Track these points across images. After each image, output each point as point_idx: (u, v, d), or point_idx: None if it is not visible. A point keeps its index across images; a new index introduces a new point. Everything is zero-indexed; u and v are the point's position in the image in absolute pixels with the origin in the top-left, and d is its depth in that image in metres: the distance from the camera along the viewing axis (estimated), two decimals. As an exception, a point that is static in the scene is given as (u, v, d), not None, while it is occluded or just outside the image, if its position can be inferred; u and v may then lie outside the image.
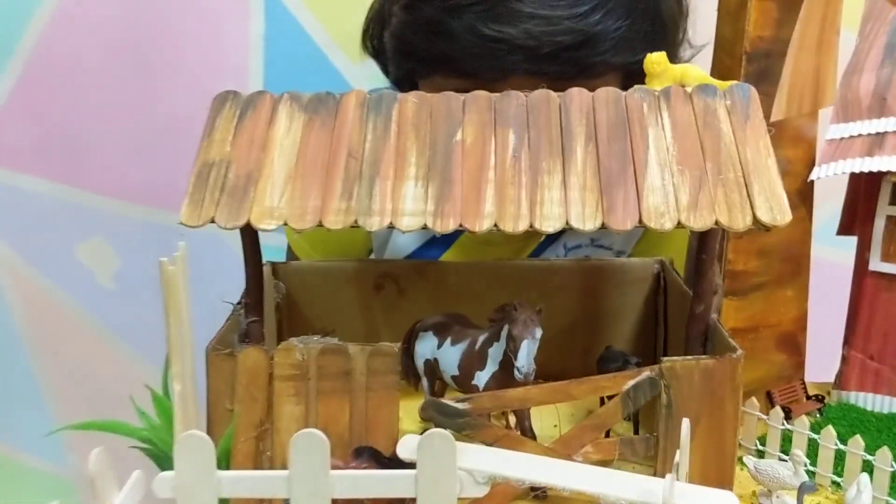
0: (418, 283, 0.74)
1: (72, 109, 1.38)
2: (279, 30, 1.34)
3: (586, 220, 0.49)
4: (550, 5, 0.74)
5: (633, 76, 0.80)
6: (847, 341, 0.73)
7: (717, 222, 0.49)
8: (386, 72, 0.93)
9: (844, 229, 0.75)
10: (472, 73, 0.72)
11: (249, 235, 0.58)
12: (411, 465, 0.44)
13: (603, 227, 0.49)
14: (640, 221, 0.49)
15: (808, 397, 0.72)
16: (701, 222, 0.49)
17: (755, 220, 0.49)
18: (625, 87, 0.79)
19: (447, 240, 0.92)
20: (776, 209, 0.49)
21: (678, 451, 0.44)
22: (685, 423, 0.42)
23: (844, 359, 0.73)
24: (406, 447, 0.45)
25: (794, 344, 0.72)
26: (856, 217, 0.74)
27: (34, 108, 1.39)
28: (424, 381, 0.65)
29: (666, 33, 0.82)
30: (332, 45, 1.33)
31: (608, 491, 0.41)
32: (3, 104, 1.38)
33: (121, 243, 1.46)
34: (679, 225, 0.49)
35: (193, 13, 1.33)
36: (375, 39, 0.92)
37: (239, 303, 0.61)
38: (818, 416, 0.71)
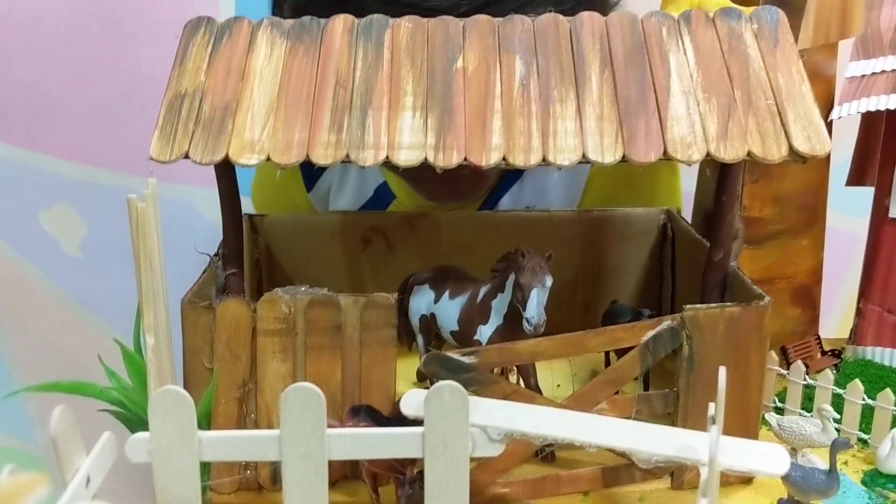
0: (408, 237, 0.69)
1: (33, 70, 1.32)
2: None
3: (605, 152, 0.44)
4: None
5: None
6: (863, 294, 0.69)
7: (749, 153, 0.44)
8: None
9: (855, 179, 0.71)
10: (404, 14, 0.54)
11: (226, 175, 0.52)
12: (415, 425, 0.39)
13: (623, 159, 0.44)
14: (665, 153, 0.44)
15: (824, 353, 0.68)
16: (732, 153, 0.44)
17: (791, 150, 0.44)
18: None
19: (380, 206, 0.84)
20: (815, 138, 0.44)
21: (711, 405, 0.40)
22: (722, 372, 0.38)
23: (860, 312, 0.69)
24: (411, 403, 0.41)
25: (809, 297, 0.68)
26: (868, 166, 0.70)
27: None
28: (420, 339, 0.60)
29: None
30: None
31: (642, 447, 0.36)
32: None
33: (86, 210, 1.39)
34: (708, 156, 0.44)
35: None
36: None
37: (216, 254, 0.56)
38: (835, 372, 0.67)
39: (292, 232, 0.69)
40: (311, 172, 0.87)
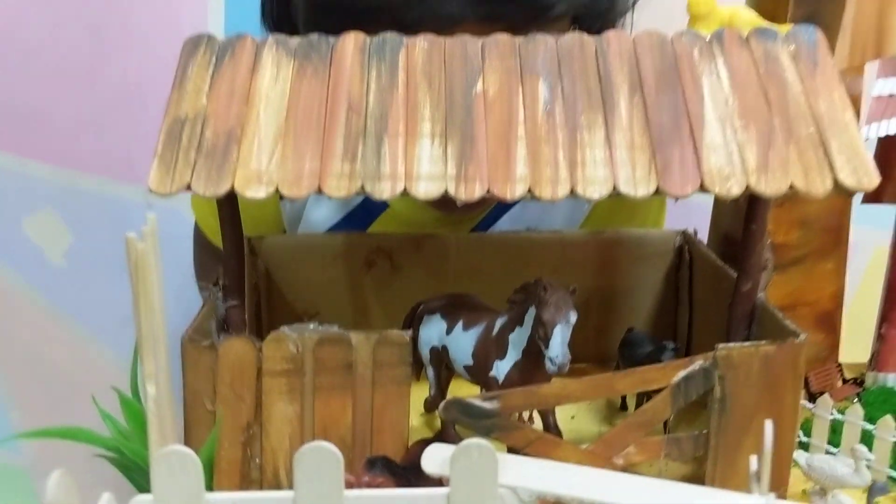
0: (415, 259, 0.66)
1: (17, 76, 1.29)
2: None
3: (638, 184, 0.42)
4: None
5: (584, 18, 0.70)
6: (885, 318, 0.66)
7: (792, 186, 0.41)
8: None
9: (873, 196, 0.69)
10: (413, 23, 0.58)
11: (228, 204, 0.49)
12: (432, 477, 0.36)
13: (657, 192, 0.41)
14: (703, 186, 0.41)
15: (845, 381, 0.66)
16: (774, 186, 0.41)
17: (836, 183, 0.41)
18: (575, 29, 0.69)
19: (367, 217, 0.81)
20: (861, 171, 0.41)
21: (753, 458, 0.37)
22: (768, 426, 0.35)
23: (881, 337, 0.66)
24: (434, 459, 0.37)
25: (831, 322, 0.66)
26: (887, 182, 0.67)
27: None
28: (430, 371, 0.57)
29: None
30: None
31: (689, 513, 0.33)
32: None
33: (72, 217, 1.36)
34: (748, 189, 0.41)
35: None
36: (278, 8, 0.79)
37: (215, 284, 0.52)
38: (856, 401, 0.64)
39: (293, 254, 0.66)
40: None
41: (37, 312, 1.40)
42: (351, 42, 0.47)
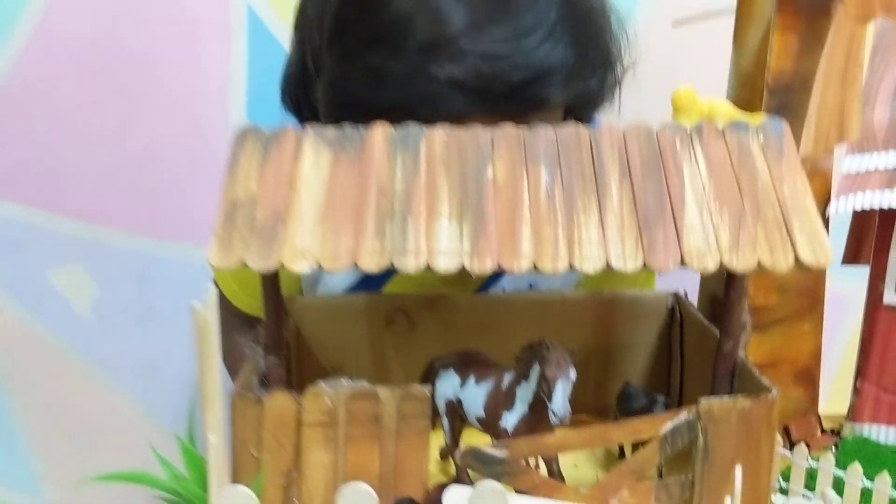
0: (430, 317, 0.73)
1: (48, 133, 1.35)
2: (261, 52, 1.32)
3: (627, 260, 0.48)
4: (498, 42, 0.70)
5: (576, 106, 0.78)
6: (860, 373, 0.72)
7: (759, 263, 0.48)
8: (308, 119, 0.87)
9: (851, 258, 0.75)
10: (426, 119, 0.63)
11: (271, 276, 0.56)
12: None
13: (644, 266, 0.48)
14: (682, 261, 0.48)
15: (823, 431, 0.72)
16: (744, 263, 0.48)
17: (797, 260, 0.48)
18: (567, 116, 0.78)
19: (384, 275, 0.88)
20: (818, 250, 0.48)
21: (728, 499, 0.43)
22: (738, 471, 0.41)
23: (857, 391, 0.73)
24: (454, 500, 0.44)
25: (810, 378, 0.72)
26: (863, 246, 0.74)
27: (9, 132, 1.35)
28: (445, 421, 0.63)
29: (609, 55, 0.80)
30: None
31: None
32: None
33: (98, 270, 1.42)
34: (721, 265, 0.48)
35: (173, 35, 1.31)
36: (297, 95, 0.87)
37: (257, 342, 0.59)
38: (834, 450, 0.70)
39: (321, 313, 0.72)
40: None
41: (62, 362, 1.45)
42: (379, 133, 0.54)
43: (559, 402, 0.52)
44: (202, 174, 1.35)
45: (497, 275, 0.88)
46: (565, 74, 0.72)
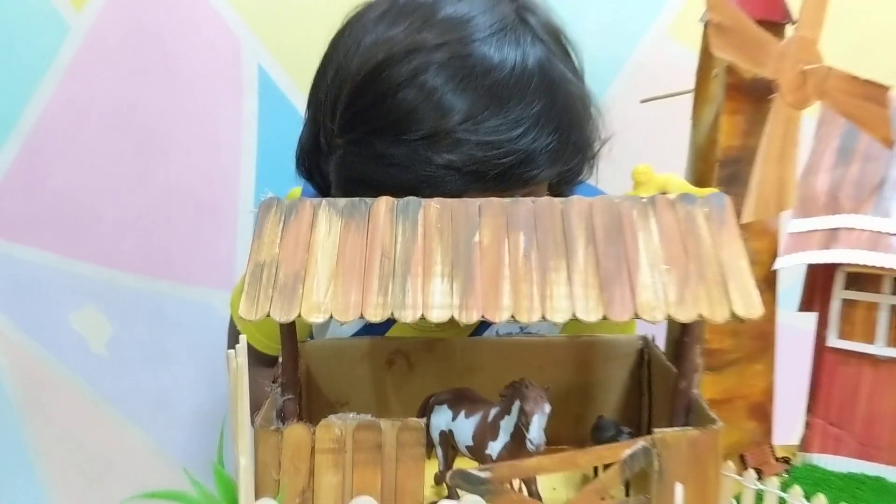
0: (427, 359, 0.82)
1: (69, 182, 1.44)
2: (271, 108, 1.41)
3: (590, 313, 0.58)
4: (491, 131, 0.80)
5: (559, 182, 0.89)
6: (810, 409, 0.81)
7: (700, 315, 0.57)
8: (321, 190, 0.96)
9: (805, 307, 0.84)
10: (426, 196, 0.70)
11: (288, 326, 0.65)
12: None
13: (604, 318, 0.58)
14: (636, 314, 0.58)
15: (777, 459, 0.81)
16: (686, 315, 0.57)
17: (732, 314, 0.57)
18: (552, 188, 0.88)
19: (388, 322, 0.97)
20: (749, 305, 0.58)
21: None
22: (678, 489, 0.50)
23: (808, 424, 0.82)
24: (444, 512, 0.53)
25: (763, 412, 0.81)
26: (815, 296, 0.83)
27: (32, 180, 1.44)
28: (439, 451, 0.72)
29: (587, 138, 0.91)
30: None
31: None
32: (3, 175, 1.44)
33: (112, 311, 1.50)
34: (668, 317, 0.58)
35: (189, 91, 1.39)
36: (310, 166, 0.96)
37: (274, 381, 0.68)
38: (785, 475, 0.79)
39: (328, 355, 0.82)
40: None
41: (76, 396, 1.53)
42: (383, 204, 0.64)
43: (535, 432, 0.62)
44: (213, 222, 1.45)
45: (485, 325, 0.97)
46: (548, 157, 0.83)
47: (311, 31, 1.33)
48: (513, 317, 0.58)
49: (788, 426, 0.85)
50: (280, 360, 0.68)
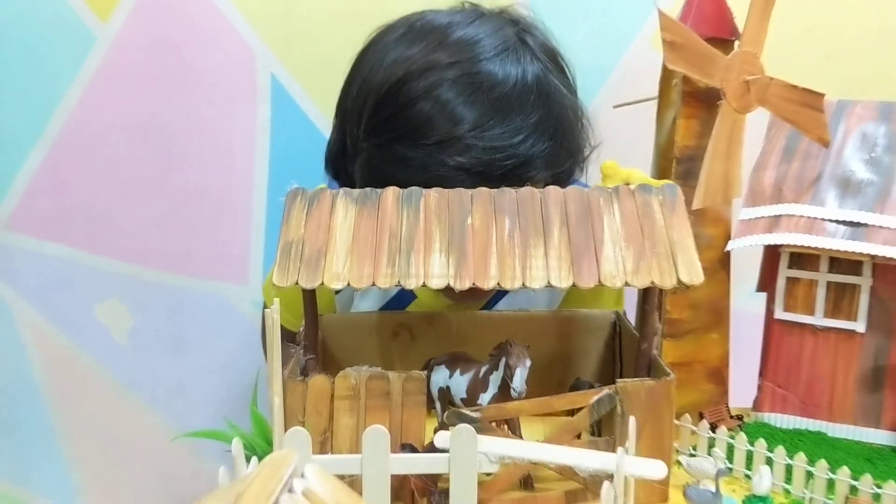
0: (427, 331, 0.94)
1: (94, 184, 1.52)
2: (284, 115, 1.50)
3: (562, 281, 0.70)
4: (495, 138, 0.94)
5: (555, 181, 1.01)
6: (761, 373, 0.94)
7: (652, 282, 0.70)
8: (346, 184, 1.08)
9: (762, 287, 0.97)
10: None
11: (309, 294, 0.77)
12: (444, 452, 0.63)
13: (574, 285, 0.70)
14: (599, 281, 0.70)
15: (732, 417, 0.93)
16: (641, 282, 0.70)
17: (678, 280, 0.70)
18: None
19: (401, 304, 1.11)
20: (693, 273, 0.70)
21: (628, 435, 0.65)
22: (632, 420, 0.62)
23: (759, 387, 0.94)
24: (441, 439, 0.65)
25: (719, 376, 0.93)
26: (771, 277, 0.96)
27: (60, 182, 1.52)
28: (437, 406, 0.84)
29: (578, 144, 1.04)
30: (330, 129, 1.49)
31: (580, 462, 0.61)
32: (32, 177, 1.52)
33: (134, 304, 1.58)
34: (626, 284, 0.70)
35: (207, 99, 1.49)
36: (337, 167, 1.09)
37: (297, 344, 0.80)
38: (739, 430, 0.91)
39: (342, 327, 0.94)
40: None
41: (101, 384, 1.62)
42: (391, 193, 0.77)
43: (518, 382, 0.74)
44: (228, 221, 1.54)
45: (494, 300, 1.10)
46: (545, 161, 0.96)
47: (320, 44, 1.45)
48: (498, 283, 0.70)
49: (747, 392, 0.97)
50: (302, 327, 0.80)
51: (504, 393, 0.76)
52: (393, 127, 0.96)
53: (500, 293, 1.09)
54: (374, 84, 0.98)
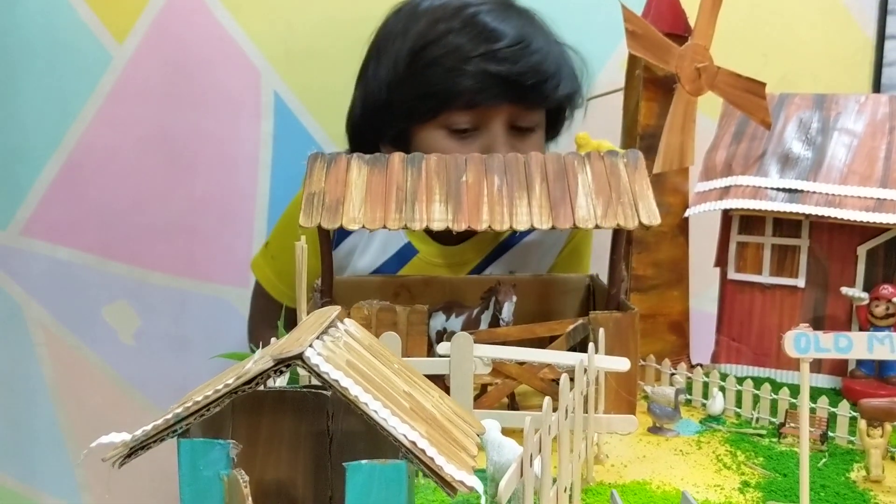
0: (425, 292, 1.07)
1: (106, 193, 1.58)
2: (286, 129, 1.58)
3: (543, 223, 0.84)
4: (526, 55, 1.09)
5: (556, 114, 1.17)
6: (718, 329, 1.07)
7: (618, 224, 0.83)
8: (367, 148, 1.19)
9: (718, 263, 1.10)
10: (476, 103, 1.06)
11: (326, 242, 0.90)
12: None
13: (553, 227, 0.83)
14: (574, 224, 0.83)
15: (692, 365, 1.06)
16: (609, 223, 0.83)
17: (640, 223, 0.83)
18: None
19: (400, 261, 1.23)
20: (651, 217, 0.84)
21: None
22: (601, 331, 0.75)
23: (717, 341, 1.07)
24: (442, 347, 0.78)
25: (680, 329, 1.06)
26: (723, 252, 1.09)
27: (74, 191, 1.59)
28: (436, 348, 0.96)
29: (577, 80, 1.18)
30: (329, 142, 1.57)
31: (558, 360, 0.74)
32: (48, 186, 1.59)
33: (141, 305, 1.64)
34: (596, 226, 0.83)
35: (213, 114, 1.57)
36: (357, 136, 1.21)
37: (315, 289, 0.93)
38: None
39: (349, 288, 1.06)
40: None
41: (108, 383, 1.66)
42: (397, 157, 0.90)
43: (506, 313, 0.87)
44: (232, 228, 1.60)
45: (484, 264, 1.23)
46: (557, 82, 1.10)
47: (320, 64, 1.54)
48: (489, 227, 0.83)
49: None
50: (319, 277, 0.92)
51: (494, 327, 0.89)
52: (447, 44, 1.08)
53: (488, 260, 1.22)
54: (421, 18, 1.12)
